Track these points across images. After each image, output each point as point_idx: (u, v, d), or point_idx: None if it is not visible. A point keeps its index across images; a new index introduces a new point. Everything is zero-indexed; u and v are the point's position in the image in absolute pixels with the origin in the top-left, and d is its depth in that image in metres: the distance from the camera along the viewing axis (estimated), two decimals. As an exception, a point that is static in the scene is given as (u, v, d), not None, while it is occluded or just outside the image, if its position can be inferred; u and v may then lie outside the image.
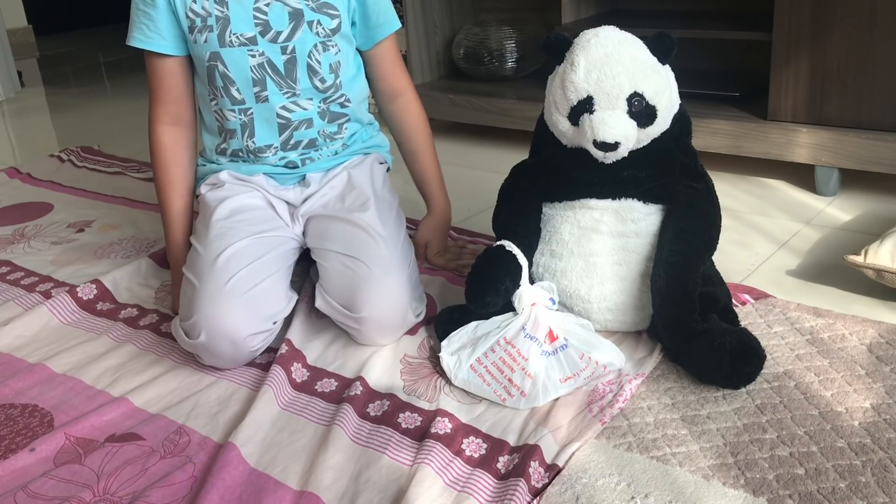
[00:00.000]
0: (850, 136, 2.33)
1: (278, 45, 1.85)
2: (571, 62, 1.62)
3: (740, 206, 2.42)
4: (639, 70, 1.58)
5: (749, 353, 1.56)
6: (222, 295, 1.70)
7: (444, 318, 1.78)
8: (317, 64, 1.90)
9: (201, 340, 1.69)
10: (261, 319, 1.74)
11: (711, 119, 2.55)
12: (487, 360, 1.61)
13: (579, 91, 1.60)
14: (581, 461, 1.40)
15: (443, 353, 1.67)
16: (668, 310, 1.65)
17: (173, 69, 1.91)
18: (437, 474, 1.39)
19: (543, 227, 1.78)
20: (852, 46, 2.29)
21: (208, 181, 1.98)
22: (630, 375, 1.62)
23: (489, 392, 1.59)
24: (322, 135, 1.97)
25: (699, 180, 1.69)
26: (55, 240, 2.57)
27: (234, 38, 1.83)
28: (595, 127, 1.57)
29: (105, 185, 3.06)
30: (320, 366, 1.76)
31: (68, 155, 3.43)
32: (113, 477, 1.47)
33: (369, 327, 1.77)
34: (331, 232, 1.87)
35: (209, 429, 1.59)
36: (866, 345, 1.66)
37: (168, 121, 1.95)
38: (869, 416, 1.46)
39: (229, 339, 1.70)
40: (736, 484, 1.33)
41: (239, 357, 1.74)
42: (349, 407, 1.58)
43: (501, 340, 1.62)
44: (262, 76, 1.87)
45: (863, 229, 2.20)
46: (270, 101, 1.90)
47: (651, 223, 1.70)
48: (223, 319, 1.69)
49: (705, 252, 1.68)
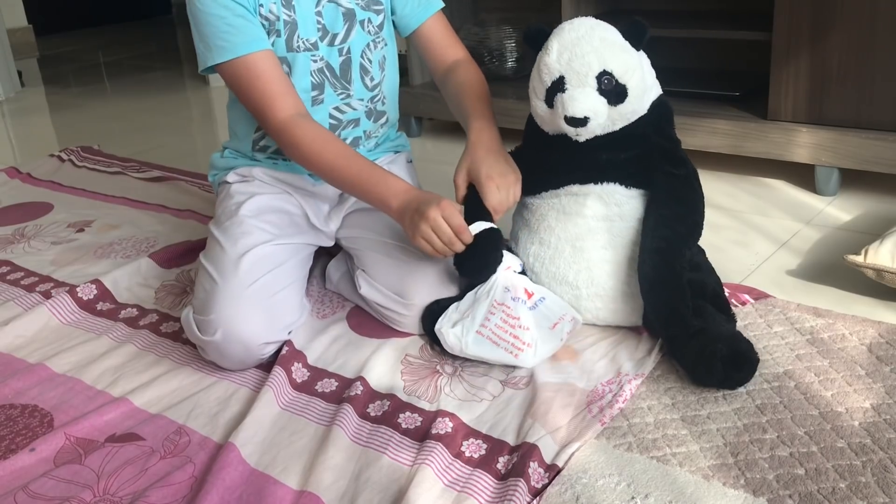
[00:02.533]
0: (850, 136, 2.33)
1: (336, 47, 1.85)
2: (546, 47, 1.68)
3: (740, 206, 2.42)
4: (608, 49, 1.63)
5: (740, 361, 1.56)
6: (244, 298, 1.71)
7: (428, 313, 1.80)
8: (368, 63, 1.90)
9: (215, 339, 1.69)
10: (277, 329, 1.75)
11: (711, 119, 2.55)
12: (490, 324, 1.66)
13: (552, 72, 1.66)
14: (581, 461, 1.40)
15: (444, 329, 1.69)
16: (656, 294, 1.66)
17: (273, 60, 1.77)
18: (437, 475, 1.39)
19: (532, 216, 1.82)
20: (852, 45, 2.29)
21: (239, 171, 1.97)
22: (630, 375, 1.62)
23: (500, 352, 1.64)
24: (366, 134, 1.98)
25: (680, 166, 1.72)
26: (55, 240, 2.56)
27: (301, 44, 1.82)
28: (565, 103, 1.63)
29: (105, 185, 3.06)
30: (321, 366, 1.76)
31: (68, 155, 3.43)
32: (113, 477, 1.47)
33: (418, 313, 1.80)
34: (377, 223, 1.89)
35: (209, 429, 1.59)
36: (866, 345, 1.66)
37: (292, 113, 1.76)
38: (869, 416, 1.46)
39: (244, 344, 1.70)
40: (736, 484, 1.33)
41: (247, 362, 1.74)
42: (349, 407, 1.58)
43: (494, 303, 1.68)
44: (322, 80, 1.87)
45: (863, 229, 2.20)
46: (325, 104, 1.90)
47: (634, 207, 1.73)
48: (242, 323, 1.69)
49: (689, 237, 1.70)
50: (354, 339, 1.85)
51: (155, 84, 5.03)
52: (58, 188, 3.06)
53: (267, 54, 1.76)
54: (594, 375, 1.65)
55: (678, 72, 2.22)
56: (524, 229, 1.85)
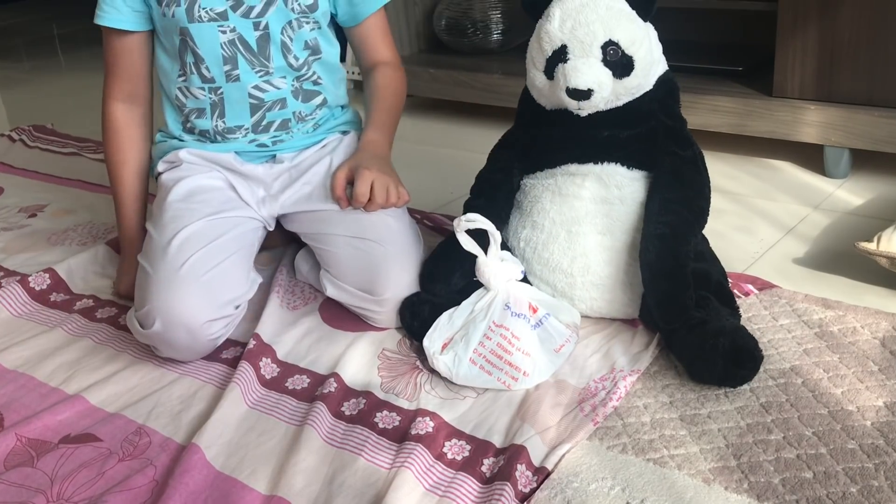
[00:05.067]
0: (861, 114, 2.33)
1: (251, 20, 1.85)
2: (547, 14, 1.68)
3: (744, 190, 2.42)
4: (614, 18, 1.63)
5: (743, 356, 1.55)
6: (176, 280, 1.71)
7: (408, 306, 1.80)
8: (289, 41, 1.90)
9: (156, 329, 1.69)
10: (219, 304, 1.75)
11: (713, 95, 2.55)
12: (485, 350, 1.62)
13: (554, 41, 1.65)
14: (572, 464, 1.40)
15: (433, 356, 1.67)
16: (659, 284, 1.65)
17: (131, 46, 1.94)
18: (417, 479, 1.39)
19: (524, 198, 1.82)
20: (864, 17, 2.28)
21: (167, 159, 1.99)
22: (625, 371, 1.62)
23: (493, 381, 1.61)
24: (296, 116, 1.98)
25: (685, 147, 1.72)
26: (5, 225, 2.55)
27: (204, 13, 1.83)
28: (567, 74, 1.63)
29: (59, 166, 3.05)
30: (291, 361, 1.76)
31: (20, 134, 3.42)
32: (68, 481, 1.46)
33: (393, 308, 1.80)
34: (331, 217, 1.89)
35: (171, 429, 1.58)
36: (879, 338, 1.66)
37: (122, 98, 1.98)
38: (882, 415, 1.46)
39: (185, 326, 1.70)
40: (739, 488, 1.32)
41: (197, 347, 1.74)
42: (322, 405, 1.57)
43: (492, 325, 1.64)
44: (234, 53, 1.87)
45: (875, 214, 2.21)
46: (242, 80, 1.90)
47: (636, 189, 1.72)
48: (178, 305, 1.69)
49: (695, 223, 1.70)
50: (327, 332, 1.85)
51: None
52: (8, 170, 3.05)
53: (127, 37, 1.92)
54: (586, 371, 1.65)
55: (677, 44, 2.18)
56: (515, 211, 1.84)
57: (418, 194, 2.18)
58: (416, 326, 1.74)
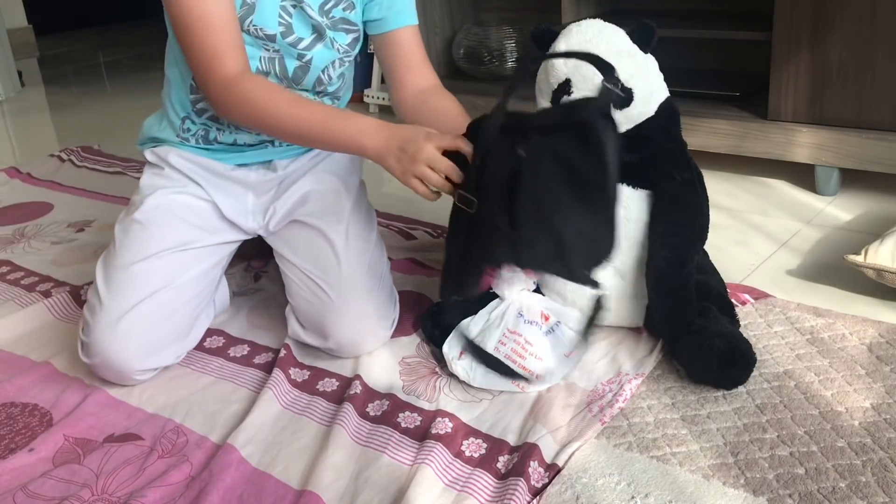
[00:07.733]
0: (850, 136, 2.33)
1: (296, 50, 1.75)
2: (554, 49, 1.68)
3: (741, 206, 2.42)
4: (613, 55, 1.61)
5: (737, 357, 1.56)
6: (117, 330, 1.67)
7: (429, 316, 1.81)
8: (327, 78, 1.82)
9: (92, 362, 1.69)
10: (156, 359, 1.73)
11: (711, 119, 2.55)
12: (500, 355, 1.63)
13: (559, 75, 1.65)
14: (581, 461, 1.40)
15: (452, 361, 1.67)
16: (663, 302, 1.66)
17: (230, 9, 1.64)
18: (437, 475, 1.39)
19: None
20: (853, 45, 2.29)
21: (157, 150, 1.87)
22: (630, 375, 1.62)
23: (508, 384, 1.61)
24: None
25: (685, 170, 1.70)
26: (55, 240, 2.56)
27: (253, 29, 1.70)
28: None
29: (105, 184, 3.06)
30: (320, 366, 1.76)
31: (68, 155, 3.43)
32: (111, 476, 1.47)
33: (344, 350, 1.76)
34: (299, 241, 1.81)
35: (207, 428, 1.59)
36: (866, 344, 1.66)
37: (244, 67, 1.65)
38: (869, 415, 1.46)
39: (117, 371, 1.70)
40: (736, 483, 1.33)
41: (128, 383, 1.73)
42: (350, 406, 1.58)
43: (507, 332, 1.66)
44: (268, 70, 1.76)
45: (863, 229, 2.20)
46: None
47: (640, 209, 1.71)
48: (114, 356, 1.67)
49: (697, 240, 1.70)
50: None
51: (155, 83, 5.01)
52: (58, 188, 3.06)
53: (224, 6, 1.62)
54: (594, 375, 1.65)
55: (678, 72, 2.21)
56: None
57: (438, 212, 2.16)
58: (438, 335, 1.75)
